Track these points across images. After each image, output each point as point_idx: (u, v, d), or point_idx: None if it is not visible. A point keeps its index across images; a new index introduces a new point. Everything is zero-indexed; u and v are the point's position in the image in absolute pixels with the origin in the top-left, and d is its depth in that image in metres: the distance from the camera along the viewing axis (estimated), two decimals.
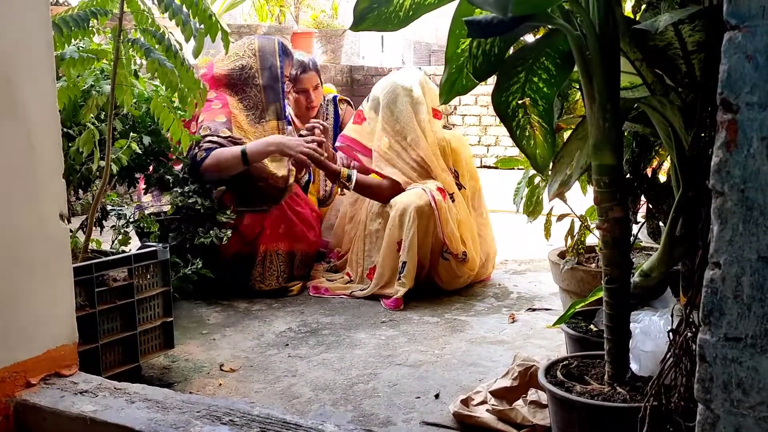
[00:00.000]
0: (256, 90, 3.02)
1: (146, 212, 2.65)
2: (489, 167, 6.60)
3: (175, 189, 2.68)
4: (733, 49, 0.84)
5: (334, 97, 3.60)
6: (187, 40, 1.92)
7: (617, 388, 1.40)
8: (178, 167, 2.69)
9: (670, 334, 1.27)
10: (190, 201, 2.68)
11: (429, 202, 2.80)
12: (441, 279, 2.90)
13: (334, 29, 7.14)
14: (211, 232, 2.66)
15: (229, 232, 2.68)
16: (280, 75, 3.05)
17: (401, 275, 2.77)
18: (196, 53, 1.95)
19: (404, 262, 2.78)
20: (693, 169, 1.36)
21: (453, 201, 2.91)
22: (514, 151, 6.58)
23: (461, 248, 2.84)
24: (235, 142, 2.90)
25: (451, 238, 2.82)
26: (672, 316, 1.36)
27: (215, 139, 2.87)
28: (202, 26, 1.92)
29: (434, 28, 10.99)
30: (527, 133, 1.50)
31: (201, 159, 2.80)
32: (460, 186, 3.01)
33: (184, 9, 1.88)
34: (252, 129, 3.00)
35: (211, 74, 3.04)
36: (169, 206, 2.66)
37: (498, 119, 1.52)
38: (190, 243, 2.66)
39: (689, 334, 1.22)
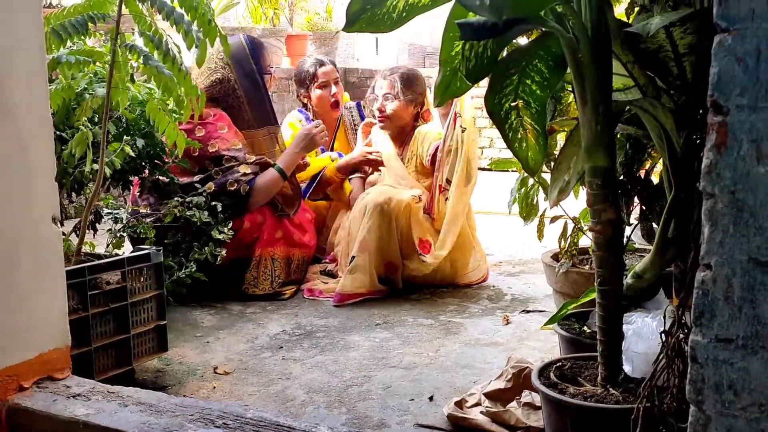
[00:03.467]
0: (238, 101, 2.99)
1: (144, 219, 2.66)
2: (483, 169, 6.59)
3: (176, 198, 2.68)
4: (723, 52, 0.84)
5: (357, 103, 3.62)
6: (189, 49, 1.92)
7: (610, 389, 1.40)
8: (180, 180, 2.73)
9: (663, 335, 1.28)
10: (188, 213, 2.67)
11: (389, 200, 2.84)
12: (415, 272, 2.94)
13: (329, 31, 7.14)
14: (206, 248, 2.65)
15: (224, 252, 2.67)
16: (259, 80, 3.01)
17: (348, 267, 2.81)
18: (200, 62, 1.95)
19: (353, 257, 2.82)
20: (685, 171, 1.37)
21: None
22: (509, 154, 6.57)
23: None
24: (263, 163, 2.94)
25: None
26: (665, 317, 1.36)
27: (250, 171, 2.88)
28: (201, 30, 1.91)
29: (429, 30, 10.99)
30: (519, 136, 1.50)
31: (246, 193, 2.84)
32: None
33: (186, 17, 1.87)
34: (243, 138, 3.00)
35: None
36: (168, 216, 2.66)
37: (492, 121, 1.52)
38: (185, 256, 2.66)
39: (681, 335, 1.22)
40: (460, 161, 2.89)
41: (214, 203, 2.74)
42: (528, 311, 2.68)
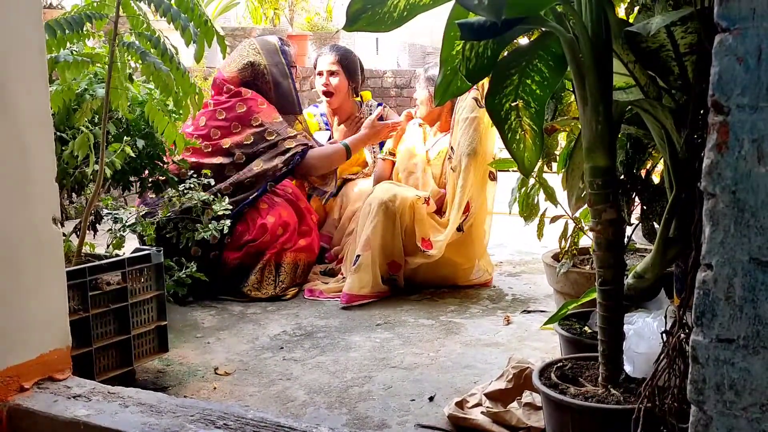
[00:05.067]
0: (266, 86, 3.14)
1: (145, 214, 2.67)
2: None
3: (168, 190, 2.67)
4: (724, 52, 0.84)
5: (380, 104, 3.65)
6: (187, 45, 1.92)
7: (611, 389, 1.40)
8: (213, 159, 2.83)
9: (664, 335, 1.28)
10: (185, 198, 2.65)
11: (393, 198, 2.84)
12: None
13: (329, 32, 7.14)
14: (210, 225, 2.62)
15: (228, 222, 2.65)
16: (288, 71, 3.17)
17: (353, 266, 2.81)
18: (198, 57, 1.95)
19: (358, 255, 2.82)
20: (686, 170, 1.37)
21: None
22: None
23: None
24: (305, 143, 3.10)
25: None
26: (666, 317, 1.36)
27: (295, 144, 3.04)
28: (198, 31, 1.92)
29: (429, 30, 10.97)
30: (518, 137, 1.50)
31: (297, 162, 3.04)
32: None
33: (183, 14, 1.88)
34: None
35: (222, 78, 3.13)
36: (164, 209, 2.65)
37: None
38: (191, 240, 2.64)
39: (683, 335, 1.22)
40: (469, 132, 2.90)
41: (207, 181, 2.74)
42: (529, 311, 2.68)
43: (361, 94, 3.61)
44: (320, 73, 3.44)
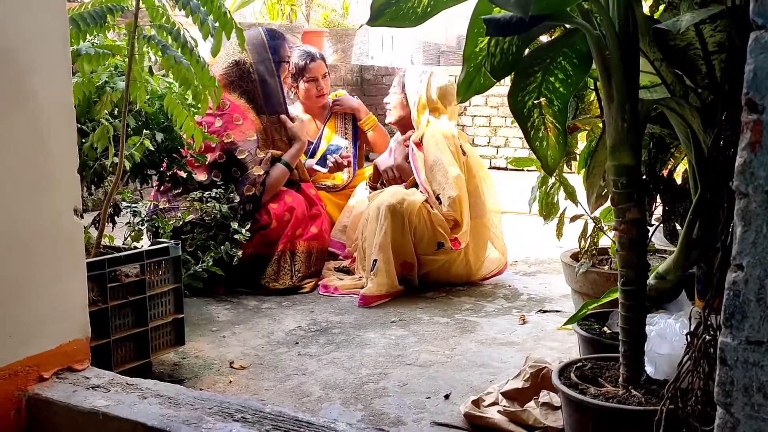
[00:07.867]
0: (252, 85, 3.06)
1: (167, 212, 2.69)
2: (499, 168, 6.58)
3: (193, 193, 2.71)
4: (760, 49, 0.83)
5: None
6: (204, 39, 1.92)
7: (632, 390, 1.39)
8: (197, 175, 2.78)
9: (688, 336, 1.26)
10: (208, 205, 2.68)
11: (401, 201, 2.85)
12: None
13: (345, 28, 7.14)
14: (222, 247, 2.66)
15: (239, 252, 2.70)
16: (274, 68, 3.09)
17: (371, 272, 2.81)
18: (215, 51, 1.96)
19: (374, 260, 2.82)
20: (711, 171, 1.35)
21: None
22: (524, 153, 6.54)
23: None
24: (272, 157, 3.04)
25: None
26: (690, 319, 1.34)
27: (262, 172, 2.97)
28: (217, 23, 1.92)
29: (444, 28, 10.97)
30: (541, 135, 1.49)
31: (260, 193, 2.95)
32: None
33: (201, 7, 1.88)
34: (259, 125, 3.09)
35: None
36: (184, 211, 2.67)
37: (508, 120, 1.52)
38: (201, 252, 2.67)
39: (707, 337, 1.21)
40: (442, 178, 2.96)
41: (232, 195, 2.77)
42: (545, 311, 2.67)
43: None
44: (313, 79, 3.41)
